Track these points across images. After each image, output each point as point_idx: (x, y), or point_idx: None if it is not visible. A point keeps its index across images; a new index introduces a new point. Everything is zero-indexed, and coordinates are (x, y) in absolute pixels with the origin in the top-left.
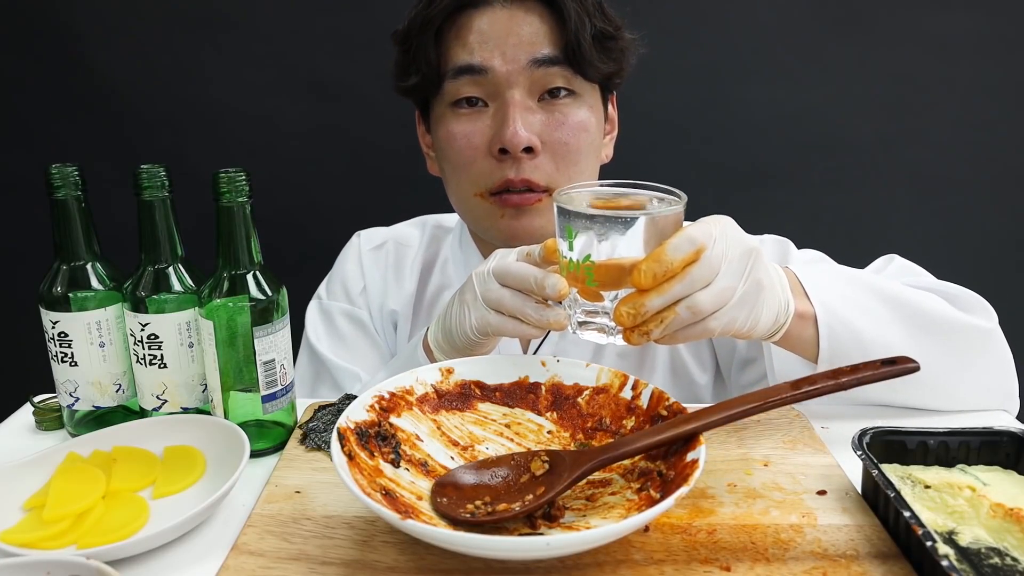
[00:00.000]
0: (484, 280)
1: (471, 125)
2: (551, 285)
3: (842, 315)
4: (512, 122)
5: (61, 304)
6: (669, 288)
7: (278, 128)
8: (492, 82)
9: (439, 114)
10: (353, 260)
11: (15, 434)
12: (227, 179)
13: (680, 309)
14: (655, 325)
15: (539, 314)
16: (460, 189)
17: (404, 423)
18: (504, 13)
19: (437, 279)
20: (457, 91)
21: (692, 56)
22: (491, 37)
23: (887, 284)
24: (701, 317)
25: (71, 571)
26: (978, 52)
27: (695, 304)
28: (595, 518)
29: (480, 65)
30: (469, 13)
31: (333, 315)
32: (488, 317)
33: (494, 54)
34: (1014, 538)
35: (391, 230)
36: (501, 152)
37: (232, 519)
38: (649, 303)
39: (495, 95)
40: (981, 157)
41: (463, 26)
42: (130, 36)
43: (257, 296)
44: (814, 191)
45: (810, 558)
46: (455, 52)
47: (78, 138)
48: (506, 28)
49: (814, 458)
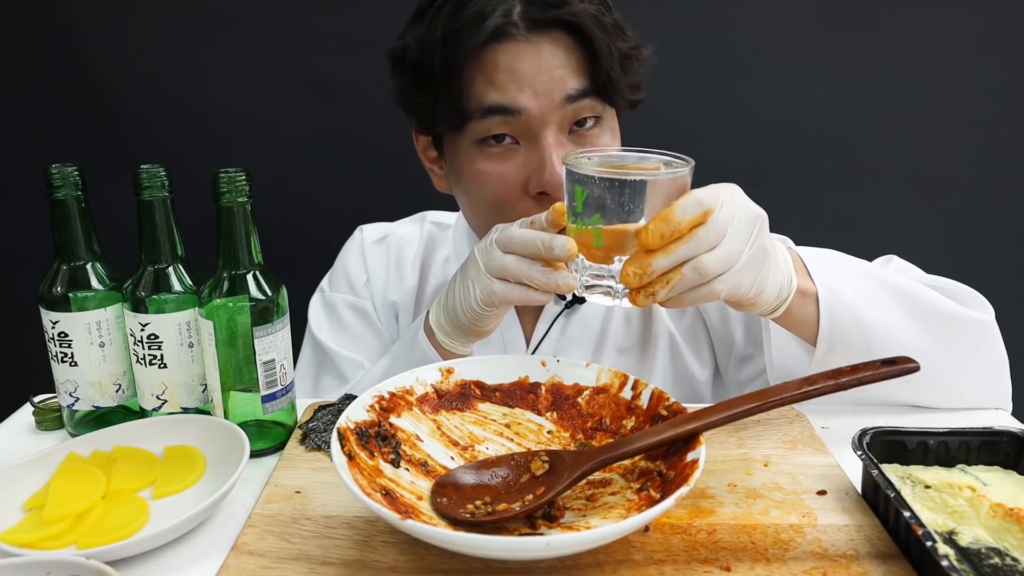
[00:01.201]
0: (486, 251)
1: (503, 165)
2: (559, 245)
3: (844, 296)
4: (550, 164)
5: (61, 304)
6: (676, 248)
7: (278, 128)
8: (524, 122)
9: (463, 150)
10: (356, 253)
11: (15, 434)
12: (227, 179)
13: (686, 270)
14: (661, 286)
15: (546, 277)
16: (491, 221)
17: (404, 423)
18: (529, 47)
19: (437, 275)
20: (486, 130)
21: (692, 56)
22: (522, 76)
23: (889, 275)
24: (707, 279)
25: (71, 571)
26: (978, 52)
27: (701, 265)
28: (595, 518)
29: (512, 106)
30: (493, 47)
31: (337, 307)
32: (493, 286)
33: (526, 93)
34: (1014, 538)
35: (392, 225)
36: (540, 194)
37: (232, 519)
38: (656, 263)
39: (526, 134)
40: (981, 157)
41: (487, 62)
42: (130, 36)
43: (257, 296)
44: (814, 191)
45: (810, 558)
46: (482, 90)
47: (78, 138)
48: (535, 65)
49: (814, 458)
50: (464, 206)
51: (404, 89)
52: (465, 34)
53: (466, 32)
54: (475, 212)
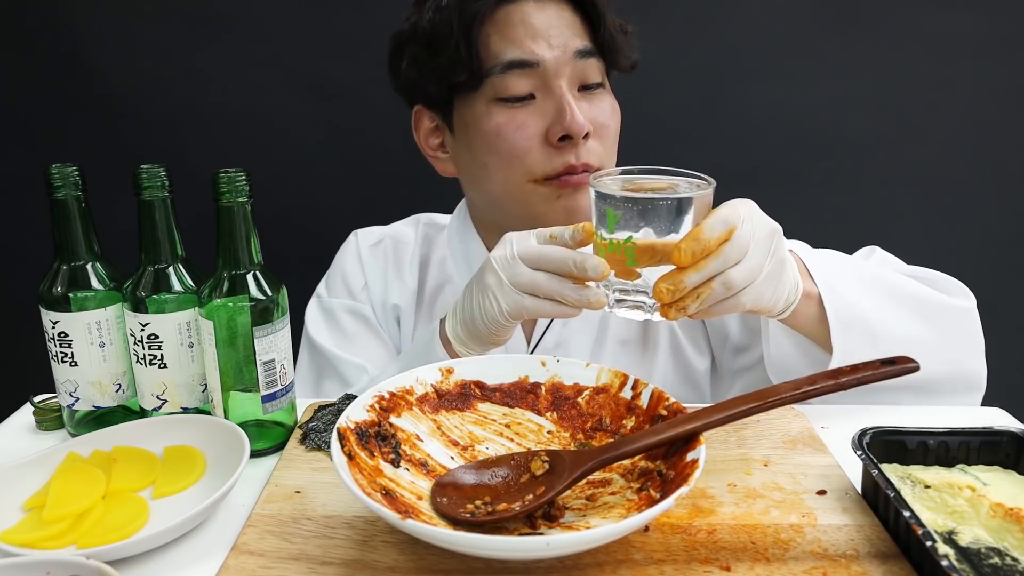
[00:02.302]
0: (509, 265)
1: (524, 116)
2: (592, 267)
3: (845, 295)
4: (573, 110)
5: (61, 304)
6: (705, 265)
7: (278, 128)
8: (541, 74)
9: (480, 110)
10: (352, 257)
11: (15, 434)
12: (227, 179)
13: (715, 285)
14: (692, 300)
15: (578, 294)
16: (511, 178)
17: (404, 423)
18: (538, 7)
19: (435, 275)
20: (505, 86)
21: (692, 56)
22: (536, 30)
23: (877, 270)
24: (734, 292)
25: (71, 571)
26: (978, 52)
27: (729, 280)
28: (595, 518)
29: (531, 59)
30: (506, 7)
31: (335, 312)
32: (523, 301)
33: (541, 46)
34: (1014, 538)
35: (387, 228)
36: (560, 140)
37: (232, 519)
38: (687, 279)
39: (543, 87)
40: (981, 157)
41: (501, 20)
42: (130, 36)
43: (257, 296)
44: (814, 191)
45: (810, 558)
46: (499, 46)
47: (78, 138)
48: (547, 20)
49: (814, 458)
50: (481, 177)
51: (417, 59)
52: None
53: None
54: (493, 175)
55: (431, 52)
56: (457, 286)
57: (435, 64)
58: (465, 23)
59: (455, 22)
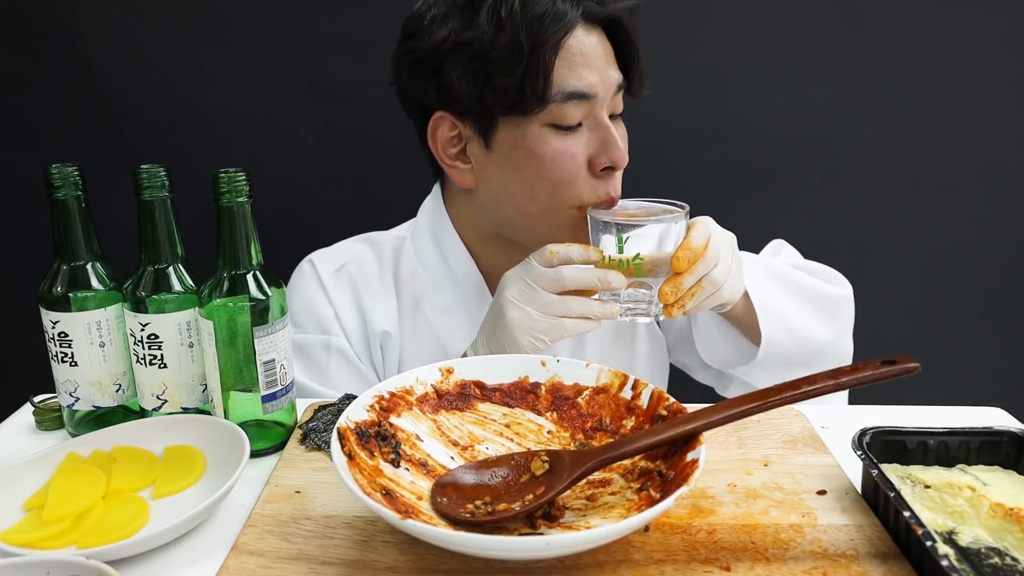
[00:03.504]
0: (534, 297)
1: (574, 145)
2: (615, 279)
3: (762, 291)
4: (618, 142)
5: (61, 304)
6: (695, 268)
7: (278, 128)
8: (590, 105)
9: (533, 133)
10: (314, 288)
11: (15, 434)
12: (227, 179)
13: (704, 283)
14: (689, 298)
15: (602, 309)
16: (555, 202)
17: (404, 423)
18: (585, 32)
19: (409, 290)
20: (563, 114)
21: (692, 56)
22: (591, 60)
23: (779, 267)
24: (716, 288)
25: (71, 571)
26: (978, 52)
27: (713, 278)
28: (595, 518)
29: (590, 93)
30: (568, 35)
31: (306, 348)
32: (564, 323)
33: (596, 79)
34: (1014, 538)
35: (341, 252)
36: (604, 170)
37: (232, 519)
38: (685, 281)
39: (589, 117)
40: (981, 157)
41: (564, 47)
42: (130, 36)
43: (257, 296)
44: (814, 191)
45: (810, 558)
46: (562, 75)
47: (78, 138)
48: (594, 50)
49: (814, 458)
50: (512, 197)
51: (474, 73)
52: (550, 21)
53: (550, 19)
54: (537, 196)
55: (491, 69)
56: (434, 299)
57: (499, 82)
58: (538, 47)
59: (526, 44)
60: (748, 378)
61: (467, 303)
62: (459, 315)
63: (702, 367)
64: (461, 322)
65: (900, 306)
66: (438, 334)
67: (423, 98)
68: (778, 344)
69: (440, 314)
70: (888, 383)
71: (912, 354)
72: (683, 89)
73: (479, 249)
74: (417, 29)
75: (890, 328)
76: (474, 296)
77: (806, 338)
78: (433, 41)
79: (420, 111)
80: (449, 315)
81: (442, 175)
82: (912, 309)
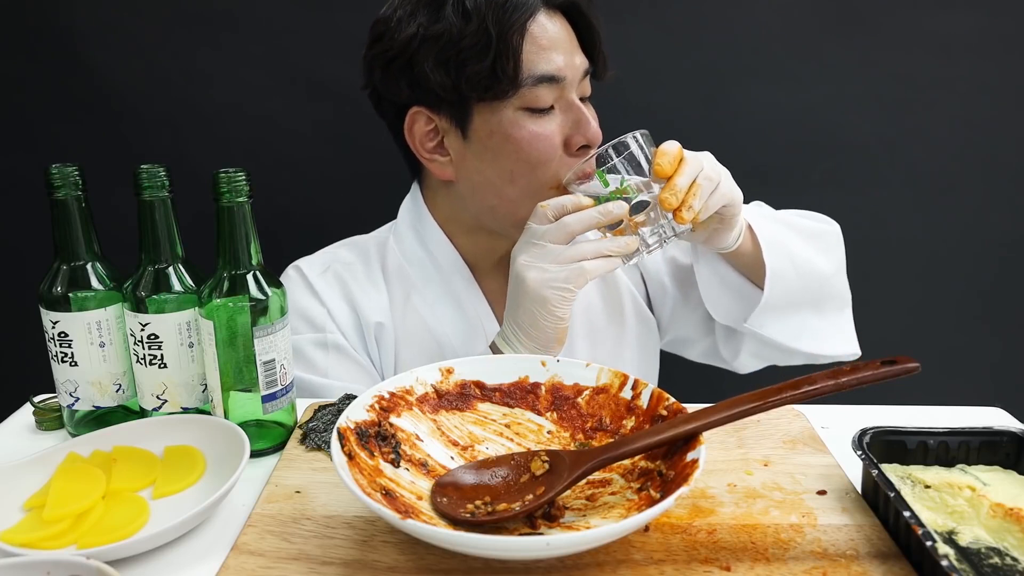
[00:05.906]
0: (545, 254)
1: (549, 126)
2: (616, 206)
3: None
4: (590, 121)
5: (61, 304)
6: (684, 169)
7: (278, 128)
8: (561, 88)
9: (508, 118)
10: (303, 290)
11: (15, 434)
12: (227, 179)
13: (700, 181)
14: (692, 197)
15: (616, 243)
16: (533, 184)
17: (404, 423)
18: (547, 17)
19: (398, 284)
20: (536, 97)
21: (692, 56)
22: (557, 44)
23: (770, 211)
24: (714, 185)
25: (71, 571)
26: (978, 52)
27: (707, 174)
28: (595, 518)
29: (559, 75)
30: (534, 19)
31: (302, 350)
32: (583, 267)
33: (565, 61)
34: (1014, 538)
35: (324, 257)
36: (580, 148)
37: (232, 519)
38: (679, 181)
39: (560, 99)
40: (981, 157)
41: (530, 32)
42: (130, 36)
43: (257, 296)
44: (814, 191)
45: (810, 558)
46: (531, 58)
47: (78, 138)
48: (559, 34)
49: (814, 458)
50: (492, 184)
51: (446, 64)
52: (513, 7)
53: (513, 6)
54: (516, 180)
55: (463, 57)
56: (423, 292)
57: (471, 69)
58: (505, 32)
59: (493, 30)
60: (759, 330)
61: (455, 293)
62: (449, 305)
63: (703, 334)
64: (452, 312)
65: (900, 306)
66: (430, 326)
67: (397, 96)
68: (783, 276)
69: (430, 306)
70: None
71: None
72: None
73: (462, 241)
74: (385, 31)
75: (890, 328)
76: (462, 286)
77: (809, 270)
78: (403, 39)
79: (394, 110)
80: (439, 306)
81: (420, 172)
82: (912, 309)
